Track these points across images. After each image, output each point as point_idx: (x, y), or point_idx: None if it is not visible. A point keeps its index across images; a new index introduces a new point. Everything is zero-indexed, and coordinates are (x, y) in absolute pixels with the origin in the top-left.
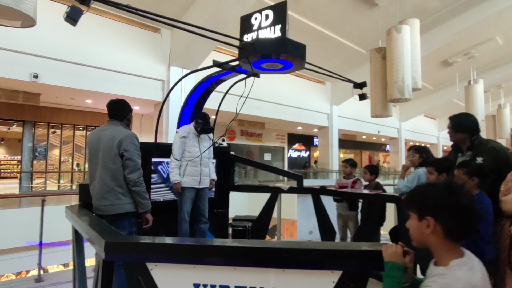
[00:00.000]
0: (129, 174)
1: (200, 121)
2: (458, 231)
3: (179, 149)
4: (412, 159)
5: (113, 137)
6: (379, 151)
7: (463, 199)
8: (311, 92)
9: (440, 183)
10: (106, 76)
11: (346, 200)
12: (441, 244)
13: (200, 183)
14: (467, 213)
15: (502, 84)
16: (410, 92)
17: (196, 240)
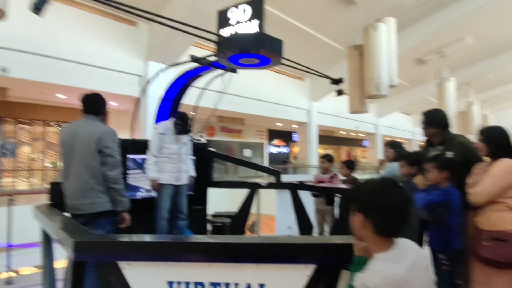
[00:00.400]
0: (108, 171)
1: (179, 122)
2: (387, 227)
3: (156, 146)
4: (386, 154)
5: (91, 133)
6: (357, 146)
7: (393, 198)
8: (290, 88)
9: (376, 181)
10: (79, 70)
11: (323, 195)
12: (371, 238)
13: (178, 180)
14: (396, 212)
15: (471, 82)
16: (386, 88)
17: (169, 237)
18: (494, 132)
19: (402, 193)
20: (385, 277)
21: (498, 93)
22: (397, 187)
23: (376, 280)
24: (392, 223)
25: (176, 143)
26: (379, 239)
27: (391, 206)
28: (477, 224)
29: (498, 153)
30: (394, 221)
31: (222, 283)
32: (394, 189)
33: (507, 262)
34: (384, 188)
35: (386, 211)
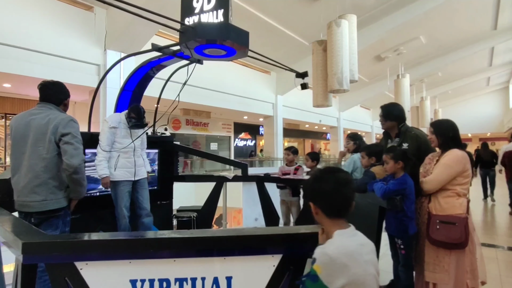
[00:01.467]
0: (69, 160)
1: (133, 115)
2: (333, 209)
3: (107, 140)
4: (347, 146)
5: (47, 122)
6: (321, 139)
7: (328, 184)
8: (257, 82)
9: (314, 171)
10: (28, 57)
11: (289, 186)
12: (325, 221)
13: (135, 175)
14: (333, 195)
15: (424, 79)
16: (348, 83)
17: (130, 234)
18: (443, 125)
19: (335, 178)
20: (342, 247)
21: (447, 89)
22: (330, 174)
23: (334, 248)
24: (335, 205)
25: (130, 137)
26: (332, 221)
27: (327, 191)
28: (429, 210)
29: (447, 144)
30: (336, 203)
31: (188, 278)
32: (328, 176)
33: (455, 243)
34: (319, 177)
35: (325, 195)
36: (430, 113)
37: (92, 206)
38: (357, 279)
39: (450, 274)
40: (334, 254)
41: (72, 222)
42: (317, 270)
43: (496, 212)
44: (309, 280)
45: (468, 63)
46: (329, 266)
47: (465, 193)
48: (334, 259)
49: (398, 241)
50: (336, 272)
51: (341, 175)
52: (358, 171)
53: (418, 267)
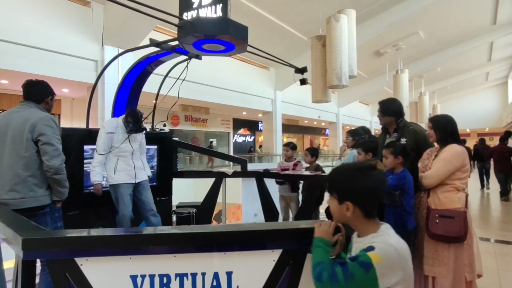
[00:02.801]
0: (49, 161)
1: (130, 120)
2: (373, 209)
3: (104, 145)
4: (346, 141)
5: (24, 121)
6: (319, 135)
7: (373, 181)
8: (256, 77)
9: (352, 167)
10: (25, 53)
11: (288, 182)
12: (360, 223)
13: (136, 177)
14: (377, 193)
15: (423, 75)
16: (347, 79)
17: (130, 229)
18: (442, 120)
19: (378, 174)
20: (401, 242)
21: (446, 85)
22: (372, 170)
23: (395, 241)
24: (375, 204)
25: (129, 142)
26: (368, 222)
27: (374, 188)
28: (428, 204)
29: (446, 139)
30: (376, 202)
31: (188, 274)
32: (371, 172)
33: (455, 236)
34: (363, 173)
35: (370, 194)
36: (429, 108)
37: (91, 203)
38: (409, 278)
39: (449, 267)
40: (398, 246)
41: (71, 219)
42: (373, 259)
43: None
44: (359, 266)
45: (467, 58)
46: (392, 258)
47: (464, 187)
48: (399, 251)
49: None
50: (396, 266)
51: (380, 173)
52: None
53: (416, 261)
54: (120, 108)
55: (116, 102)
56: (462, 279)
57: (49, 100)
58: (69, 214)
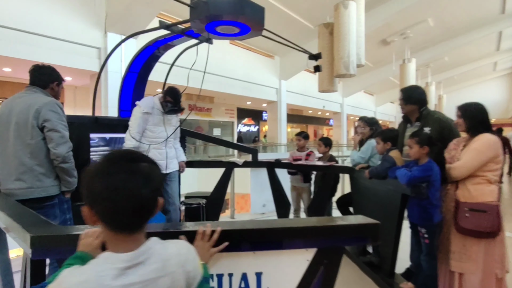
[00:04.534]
0: (55, 148)
1: (169, 99)
2: (115, 219)
3: (138, 127)
4: (363, 131)
5: (28, 106)
6: (323, 125)
7: (114, 179)
8: (261, 66)
9: (102, 158)
10: (27, 40)
11: (300, 172)
12: (105, 235)
13: (167, 168)
14: (117, 196)
15: (430, 64)
16: (354, 68)
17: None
18: (472, 108)
19: (128, 171)
20: (85, 282)
21: (453, 74)
22: (122, 163)
23: (75, 280)
24: (119, 212)
25: (163, 125)
26: (112, 235)
27: (111, 189)
28: (456, 197)
29: (476, 128)
30: (120, 210)
31: (214, 275)
32: (118, 167)
33: (487, 231)
34: (105, 166)
35: (106, 197)
36: (435, 98)
37: None
38: None
39: (478, 263)
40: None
41: (78, 210)
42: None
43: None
44: None
45: (475, 47)
46: None
47: (496, 179)
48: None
49: (422, 230)
50: None
51: (140, 167)
52: (376, 157)
53: (441, 256)
54: (127, 95)
55: (123, 89)
56: (492, 275)
57: (54, 86)
58: (77, 204)
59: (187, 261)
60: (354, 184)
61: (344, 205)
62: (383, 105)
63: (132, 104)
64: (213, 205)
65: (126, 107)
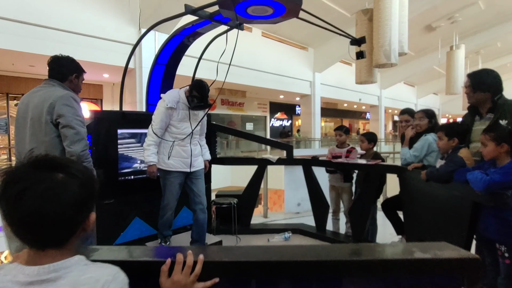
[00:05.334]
0: (69, 147)
1: (195, 94)
2: (19, 232)
3: (161, 123)
4: (420, 123)
5: (43, 100)
6: (359, 119)
7: (16, 187)
8: (294, 59)
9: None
10: (67, 39)
11: (340, 171)
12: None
13: (191, 166)
14: (13, 205)
15: (480, 51)
16: (396, 56)
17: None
18: None
19: (32, 181)
20: None
21: (506, 62)
22: (28, 171)
23: None
24: (16, 225)
25: (189, 120)
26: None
27: (6, 198)
28: None
29: None
30: (17, 223)
31: None
32: (22, 175)
33: None
34: (12, 172)
35: (3, 206)
36: None
37: (126, 189)
38: None
39: None
40: None
41: (105, 208)
42: None
43: None
44: None
45: None
46: None
47: None
48: None
49: (501, 247)
50: None
51: (59, 178)
52: (433, 155)
53: None
54: (155, 89)
55: (151, 82)
56: None
57: (73, 78)
58: (105, 202)
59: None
60: (404, 186)
61: (391, 209)
62: (425, 97)
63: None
64: (245, 204)
65: (154, 101)
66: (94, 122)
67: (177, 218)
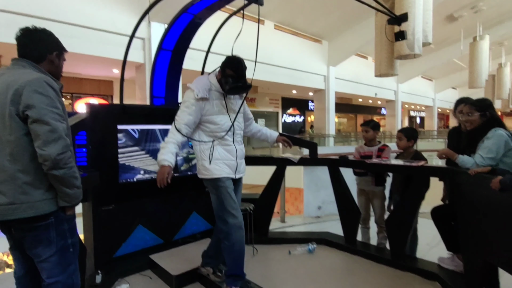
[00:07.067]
0: (42, 149)
1: (230, 72)
2: None
3: (189, 117)
4: (470, 118)
5: (7, 87)
6: (374, 114)
7: None
8: (307, 52)
9: None
10: (74, 32)
11: (371, 173)
12: None
13: (237, 171)
14: None
15: (504, 42)
16: (420, 47)
17: None
18: None
19: None
20: None
21: None
22: None
23: None
24: None
25: (227, 112)
26: None
27: None
28: None
29: None
30: None
31: None
32: None
33: None
34: None
35: None
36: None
37: (127, 194)
38: None
39: None
40: None
41: (103, 215)
42: None
43: None
44: None
45: None
46: None
47: None
48: None
49: None
50: None
51: None
52: (510, 155)
53: None
54: (160, 79)
55: (155, 72)
56: None
57: (54, 57)
58: (103, 209)
59: None
60: (461, 194)
61: (443, 218)
62: (443, 92)
63: (168, 89)
64: (263, 210)
65: (160, 93)
66: (90, 117)
67: (186, 225)
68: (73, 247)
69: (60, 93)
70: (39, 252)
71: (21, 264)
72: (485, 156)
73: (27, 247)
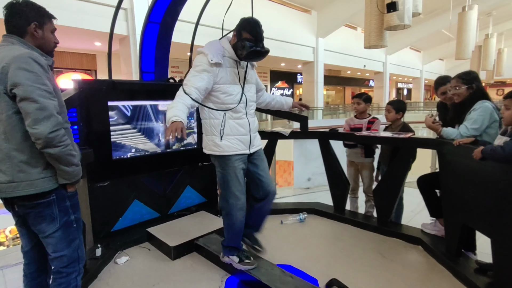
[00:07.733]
0: (33, 127)
1: (246, 35)
2: None
3: (202, 82)
4: (457, 92)
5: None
6: (362, 86)
7: None
8: (296, 23)
9: None
10: (50, 2)
11: (360, 145)
12: None
13: (251, 145)
14: None
15: (492, 12)
16: (410, 17)
17: None
18: None
19: None
20: None
21: None
22: None
23: None
24: None
25: (239, 81)
26: None
27: None
28: None
29: None
30: None
31: None
32: None
33: None
34: None
35: None
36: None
37: (121, 170)
38: None
39: None
40: None
41: (99, 192)
42: None
43: None
44: None
45: None
46: None
47: None
48: None
49: None
50: None
51: None
52: (494, 126)
53: None
54: (149, 54)
55: (143, 46)
56: None
57: (33, 29)
58: (98, 185)
59: None
60: (446, 164)
61: (428, 186)
62: (431, 63)
63: (157, 64)
64: None
65: (149, 68)
66: (80, 94)
67: (181, 199)
68: (76, 223)
69: (49, 69)
70: (43, 228)
71: (27, 240)
72: (470, 127)
73: (31, 223)
